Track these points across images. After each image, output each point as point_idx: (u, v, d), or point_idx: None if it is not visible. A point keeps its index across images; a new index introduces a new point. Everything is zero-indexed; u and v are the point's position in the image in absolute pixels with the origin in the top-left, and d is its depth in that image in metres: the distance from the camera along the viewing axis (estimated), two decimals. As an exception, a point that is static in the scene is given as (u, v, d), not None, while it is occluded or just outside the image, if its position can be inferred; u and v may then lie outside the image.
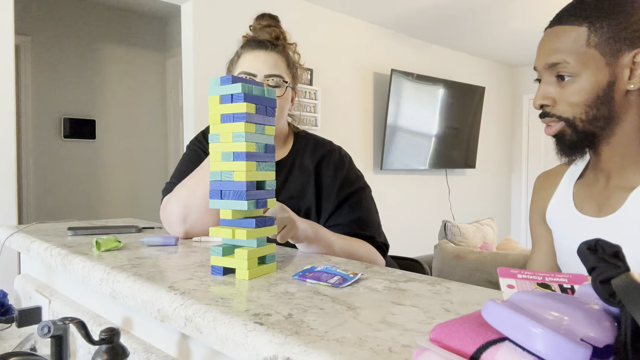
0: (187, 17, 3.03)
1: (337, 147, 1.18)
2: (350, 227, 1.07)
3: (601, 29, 0.77)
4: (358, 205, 1.10)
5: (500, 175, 5.54)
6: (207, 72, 3.01)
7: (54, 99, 3.83)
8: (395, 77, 3.99)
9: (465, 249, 2.70)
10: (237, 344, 0.46)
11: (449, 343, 0.33)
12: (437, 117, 4.45)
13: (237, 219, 0.68)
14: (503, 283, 0.43)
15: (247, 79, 0.68)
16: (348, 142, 3.83)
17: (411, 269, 1.26)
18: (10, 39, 2.28)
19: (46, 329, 0.66)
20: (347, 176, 1.12)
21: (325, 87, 3.70)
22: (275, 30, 1.11)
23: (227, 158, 0.67)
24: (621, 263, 0.31)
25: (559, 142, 0.84)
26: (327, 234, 0.96)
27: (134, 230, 1.10)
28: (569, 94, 0.79)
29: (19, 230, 1.12)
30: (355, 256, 1.00)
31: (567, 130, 0.82)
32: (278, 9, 3.43)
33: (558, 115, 0.81)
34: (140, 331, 0.73)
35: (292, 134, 1.19)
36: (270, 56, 1.06)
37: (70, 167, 3.92)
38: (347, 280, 0.63)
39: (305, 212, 1.10)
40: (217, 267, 0.68)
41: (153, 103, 4.38)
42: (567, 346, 0.27)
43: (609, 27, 0.76)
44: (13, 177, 2.31)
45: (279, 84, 1.06)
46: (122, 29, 4.19)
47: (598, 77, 0.77)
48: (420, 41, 4.47)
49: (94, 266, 0.75)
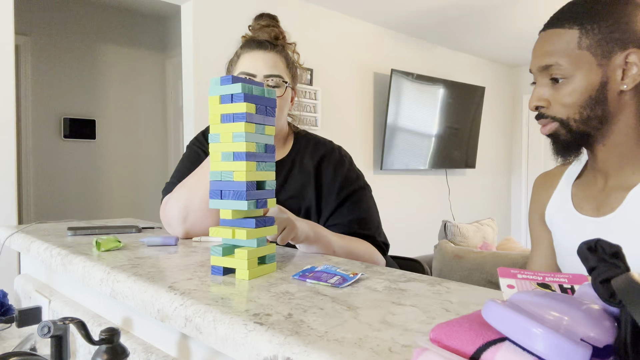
0: (187, 17, 3.03)
1: (337, 147, 1.18)
2: (350, 226, 1.07)
3: (592, 30, 0.78)
4: (358, 204, 1.10)
5: (500, 175, 5.54)
6: (207, 72, 3.01)
7: (54, 99, 3.83)
8: (395, 77, 3.99)
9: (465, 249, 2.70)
10: (237, 344, 0.46)
11: (449, 343, 0.33)
12: (437, 117, 4.45)
13: (237, 219, 0.68)
14: (503, 283, 0.43)
15: (247, 79, 0.68)
16: (348, 142, 3.83)
17: (411, 269, 1.26)
18: (10, 39, 2.28)
19: (46, 329, 0.66)
20: (347, 176, 1.12)
21: (325, 87, 3.70)
22: (275, 30, 1.11)
23: (227, 158, 0.67)
24: (621, 263, 0.32)
25: (554, 142, 0.85)
26: (326, 233, 0.96)
27: (134, 230, 1.10)
28: (562, 95, 0.81)
29: (19, 230, 1.12)
30: (355, 255, 1.00)
31: (562, 131, 0.83)
32: (278, 9, 3.43)
33: (552, 116, 0.83)
34: (140, 331, 0.73)
35: (292, 134, 1.19)
36: (270, 56, 1.06)
37: (70, 167, 3.92)
38: (347, 280, 0.63)
39: (305, 211, 1.10)
40: (217, 267, 0.68)
41: (153, 103, 4.38)
42: (567, 346, 0.27)
43: (600, 29, 0.78)
44: (13, 177, 2.31)
45: (278, 84, 1.06)
46: (122, 29, 4.19)
47: (591, 78, 0.79)
48: (421, 41, 4.47)
49: (94, 266, 0.75)
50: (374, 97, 4.11)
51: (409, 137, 4.21)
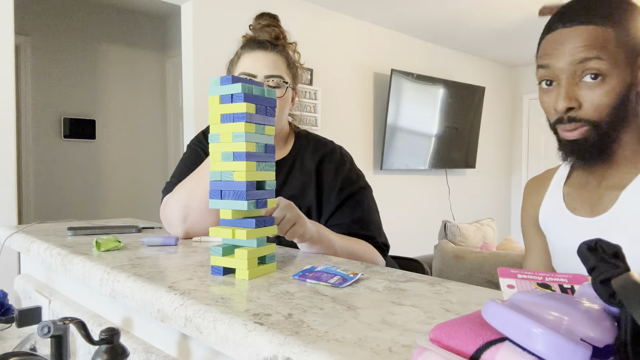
0: (187, 17, 3.03)
1: (338, 147, 1.18)
2: (351, 227, 1.07)
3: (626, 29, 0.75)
4: (359, 205, 1.10)
5: (500, 175, 5.54)
6: (207, 72, 3.01)
7: (54, 99, 3.83)
8: (395, 77, 3.99)
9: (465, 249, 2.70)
10: (237, 344, 0.46)
11: (449, 343, 0.33)
12: (437, 117, 4.45)
13: (237, 219, 0.68)
14: (503, 283, 0.43)
15: (247, 80, 0.68)
16: (348, 142, 3.83)
17: (411, 269, 1.26)
18: (10, 39, 2.28)
19: (46, 329, 0.66)
20: (348, 176, 1.12)
21: (325, 87, 3.70)
22: (275, 30, 1.10)
23: (227, 158, 0.67)
24: (621, 263, 0.32)
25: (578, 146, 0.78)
26: (328, 234, 0.96)
27: (134, 230, 1.10)
28: (597, 95, 0.75)
29: (19, 230, 1.12)
30: (356, 256, 1.00)
31: (592, 134, 0.77)
32: (278, 9, 3.42)
33: (586, 119, 0.76)
34: (140, 331, 0.73)
35: (293, 134, 1.19)
36: (270, 57, 1.06)
37: (70, 167, 3.92)
38: (347, 280, 0.63)
39: (306, 211, 1.10)
40: (217, 267, 0.68)
41: (153, 103, 4.38)
42: (567, 346, 0.27)
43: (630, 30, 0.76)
44: (13, 177, 2.31)
45: (279, 84, 1.06)
46: (122, 29, 4.19)
47: (625, 78, 0.75)
48: (420, 41, 4.47)
49: (94, 266, 0.75)
50: (374, 97, 4.11)
51: (409, 137, 4.21)
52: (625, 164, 0.82)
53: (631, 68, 0.77)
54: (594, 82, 0.75)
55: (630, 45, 0.76)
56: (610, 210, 0.80)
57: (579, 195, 0.87)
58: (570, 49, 0.76)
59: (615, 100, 0.75)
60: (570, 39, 0.76)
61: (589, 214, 0.84)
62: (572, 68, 0.76)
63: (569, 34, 0.77)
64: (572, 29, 0.77)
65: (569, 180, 0.91)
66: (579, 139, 0.78)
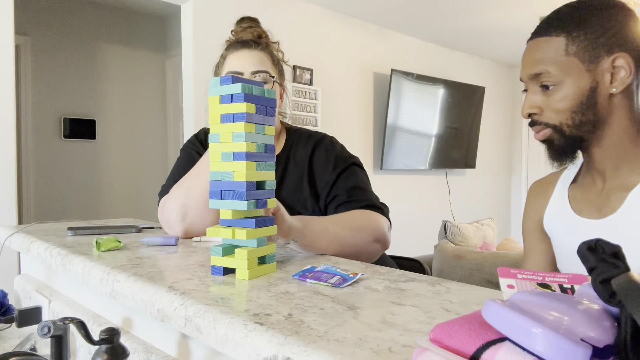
0: (187, 17, 3.03)
1: (329, 136, 1.19)
2: (350, 194, 1.06)
3: (578, 37, 0.80)
4: (354, 176, 1.10)
5: (500, 175, 5.54)
6: (207, 72, 3.01)
7: (54, 99, 3.83)
8: (395, 77, 3.99)
9: (465, 249, 2.70)
10: (237, 344, 0.46)
11: (449, 343, 0.33)
12: (437, 117, 4.45)
13: (237, 219, 0.68)
14: (503, 283, 0.43)
15: (247, 80, 0.68)
16: (348, 142, 3.80)
17: (411, 269, 1.26)
18: (10, 39, 2.28)
19: (46, 329, 0.66)
20: (340, 155, 1.13)
21: (325, 87, 3.70)
22: (257, 29, 1.13)
23: (227, 158, 0.67)
24: (621, 263, 0.32)
25: (549, 147, 0.87)
26: (318, 219, 0.91)
27: (134, 230, 1.10)
28: (554, 101, 0.82)
29: (19, 230, 1.12)
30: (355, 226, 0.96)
31: (555, 136, 0.84)
32: (278, 9, 3.43)
33: (545, 122, 0.84)
34: (140, 331, 0.73)
35: (285, 130, 1.20)
36: (255, 54, 1.08)
37: (70, 167, 3.92)
38: (347, 280, 0.63)
39: (304, 201, 1.11)
40: (217, 267, 0.68)
41: (153, 103, 4.38)
42: (567, 346, 0.27)
43: (586, 34, 0.79)
44: (13, 177, 2.31)
45: (266, 79, 1.07)
46: (122, 29, 4.19)
47: (580, 84, 0.80)
48: (420, 41, 4.47)
49: (94, 266, 0.75)
50: (374, 97, 4.11)
51: (409, 137, 4.21)
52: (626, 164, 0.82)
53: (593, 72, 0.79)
54: (549, 90, 0.82)
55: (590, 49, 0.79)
56: (618, 211, 0.81)
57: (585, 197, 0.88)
58: (528, 62, 0.84)
59: (573, 105, 0.81)
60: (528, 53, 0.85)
61: (596, 216, 0.84)
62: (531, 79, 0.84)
63: (529, 47, 0.86)
64: (533, 41, 0.85)
65: (574, 182, 0.92)
66: (544, 140, 0.86)
